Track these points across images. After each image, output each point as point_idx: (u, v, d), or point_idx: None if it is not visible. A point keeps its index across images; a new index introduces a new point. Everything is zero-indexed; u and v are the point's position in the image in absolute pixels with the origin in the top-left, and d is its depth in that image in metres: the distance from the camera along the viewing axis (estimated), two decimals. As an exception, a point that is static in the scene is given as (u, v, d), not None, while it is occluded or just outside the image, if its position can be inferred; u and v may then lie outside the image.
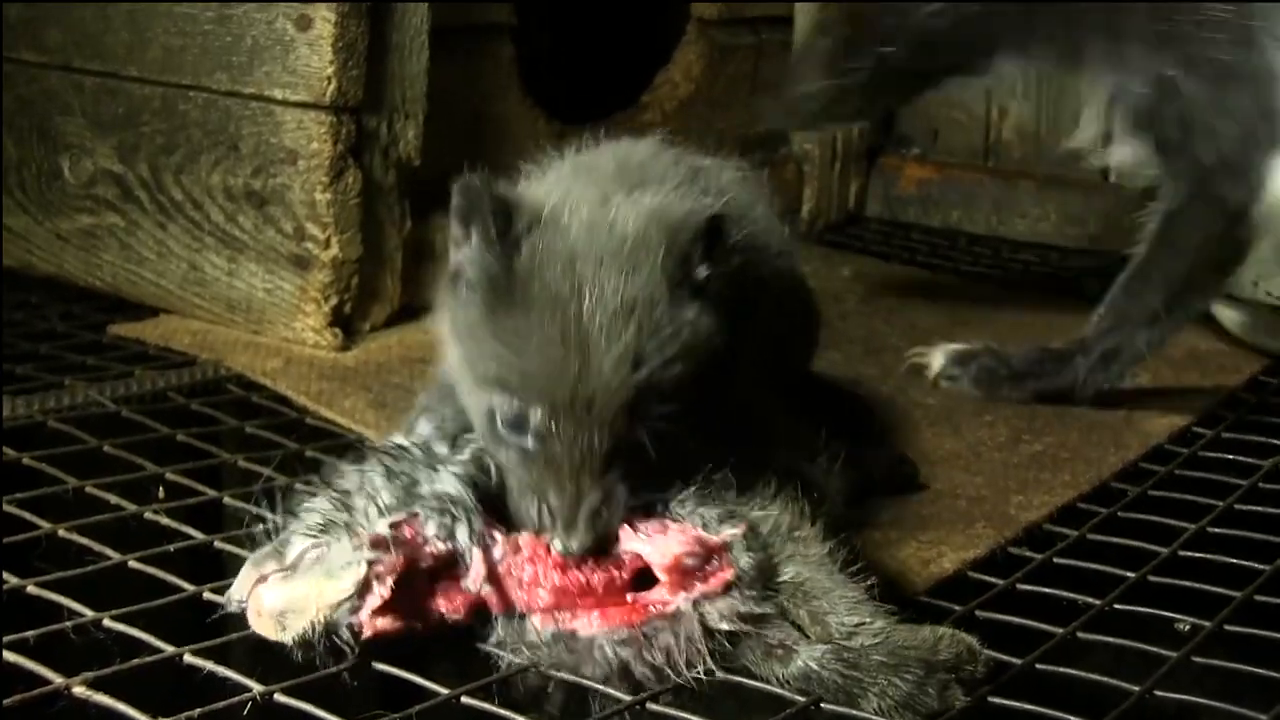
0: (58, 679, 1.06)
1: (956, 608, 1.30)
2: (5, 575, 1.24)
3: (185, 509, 1.45)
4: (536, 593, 1.13)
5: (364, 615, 1.10)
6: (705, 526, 1.15)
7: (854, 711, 1.10)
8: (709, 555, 1.13)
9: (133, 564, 1.30)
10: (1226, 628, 1.27)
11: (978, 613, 1.30)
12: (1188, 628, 1.27)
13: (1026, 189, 2.80)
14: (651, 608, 1.12)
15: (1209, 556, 1.42)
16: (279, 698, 1.07)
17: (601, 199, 1.20)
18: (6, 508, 1.39)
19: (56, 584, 1.24)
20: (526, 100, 2.32)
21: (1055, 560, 1.43)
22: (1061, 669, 1.19)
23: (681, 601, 1.12)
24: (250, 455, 1.60)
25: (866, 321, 2.26)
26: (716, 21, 2.65)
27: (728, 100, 2.65)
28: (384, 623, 1.10)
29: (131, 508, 1.43)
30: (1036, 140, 2.82)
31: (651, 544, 1.14)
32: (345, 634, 1.10)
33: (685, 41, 2.65)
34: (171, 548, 1.35)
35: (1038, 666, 1.19)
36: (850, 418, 1.67)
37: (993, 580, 1.37)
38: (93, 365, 1.91)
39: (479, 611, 1.15)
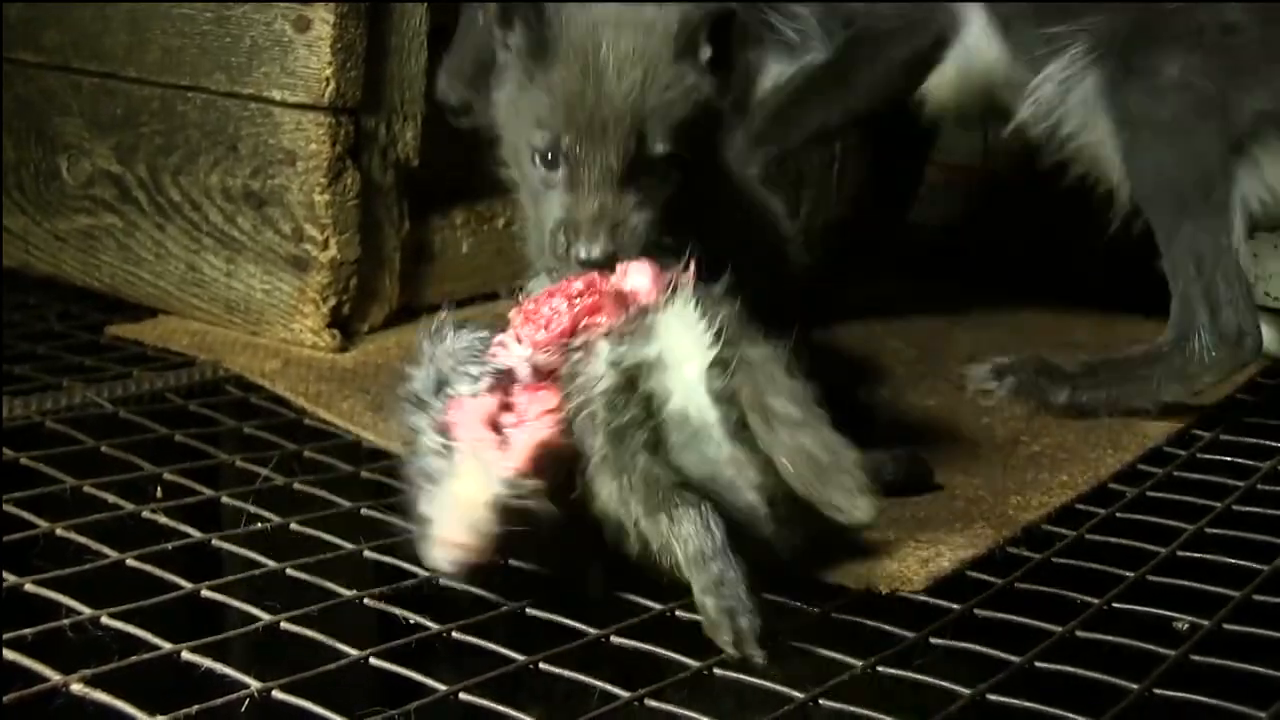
0: (56, 676, 1.06)
1: (955, 606, 1.30)
2: (4, 573, 1.23)
3: (183, 508, 1.45)
4: (559, 322, 1.26)
5: (505, 466, 1.18)
6: None
7: (853, 708, 1.10)
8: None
9: (130, 562, 1.30)
10: (1225, 627, 1.27)
11: (976, 611, 1.30)
12: (1186, 627, 1.27)
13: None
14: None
15: (1207, 557, 1.42)
16: (276, 694, 1.07)
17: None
18: (5, 507, 1.39)
19: (54, 582, 1.24)
20: (525, 102, 2.32)
21: (1054, 560, 1.43)
22: (1060, 667, 1.19)
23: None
24: (248, 456, 1.60)
25: (864, 324, 2.26)
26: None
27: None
28: (532, 435, 1.20)
29: (129, 507, 1.43)
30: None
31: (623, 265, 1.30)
32: (512, 490, 1.18)
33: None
34: (169, 546, 1.35)
35: (1036, 665, 1.19)
36: (852, 419, 1.67)
37: (991, 579, 1.37)
38: (91, 366, 1.91)
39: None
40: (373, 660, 1.14)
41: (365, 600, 1.26)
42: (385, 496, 1.48)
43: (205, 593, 1.24)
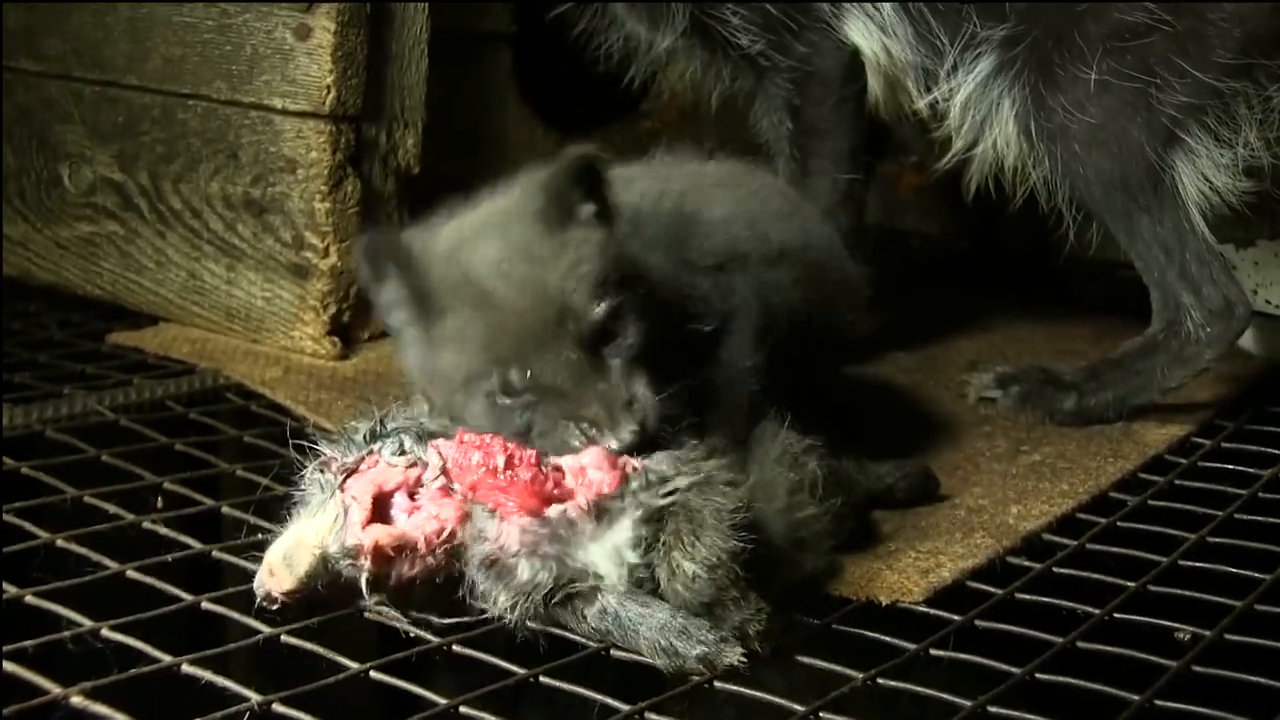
0: (56, 689, 1.06)
1: (956, 617, 1.30)
2: (4, 585, 1.23)
3: (183, 518, 1.45)
4: (467, 478, 1.22)
5: (357, 535, 1.17)
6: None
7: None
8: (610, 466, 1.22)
9: (131, 574, 1.30)
10: (1227, 637, 1.27)
11: (977, 622, 1.30)
12: (1188, 637, 1.27)
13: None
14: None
15: (1209, 566, 1.42)
16: (277, 707, 1.07)
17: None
18: (5, 517, 1.39)
19: (55, 593, 1.24)
20: (525, 109, 2.32)
21: (1054, 570, 1.43)
22: (1061, 678, 1.19)
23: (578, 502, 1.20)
24: (248, 464, 1.60)
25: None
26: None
27: (728, 109, 2.65)
28: (381, 534, 1.18)
29: (130, 517, 1.43)
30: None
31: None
32: (345, 558, 1.17)
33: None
34: (170, 557, 1.35)
35: (1037, 676, 1.19)
36: (856, 426, 1.66)
37: (992, 590, 1.37)
38: (91, 374, 1.91)
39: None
40: (373, 673, 1.14)
41: (366, 613, 1.25)
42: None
43: (205, 605, 1.24)
